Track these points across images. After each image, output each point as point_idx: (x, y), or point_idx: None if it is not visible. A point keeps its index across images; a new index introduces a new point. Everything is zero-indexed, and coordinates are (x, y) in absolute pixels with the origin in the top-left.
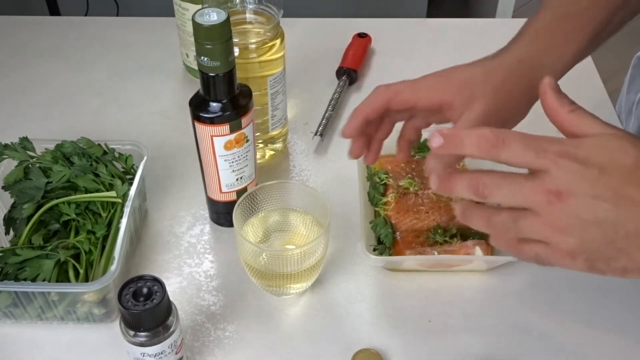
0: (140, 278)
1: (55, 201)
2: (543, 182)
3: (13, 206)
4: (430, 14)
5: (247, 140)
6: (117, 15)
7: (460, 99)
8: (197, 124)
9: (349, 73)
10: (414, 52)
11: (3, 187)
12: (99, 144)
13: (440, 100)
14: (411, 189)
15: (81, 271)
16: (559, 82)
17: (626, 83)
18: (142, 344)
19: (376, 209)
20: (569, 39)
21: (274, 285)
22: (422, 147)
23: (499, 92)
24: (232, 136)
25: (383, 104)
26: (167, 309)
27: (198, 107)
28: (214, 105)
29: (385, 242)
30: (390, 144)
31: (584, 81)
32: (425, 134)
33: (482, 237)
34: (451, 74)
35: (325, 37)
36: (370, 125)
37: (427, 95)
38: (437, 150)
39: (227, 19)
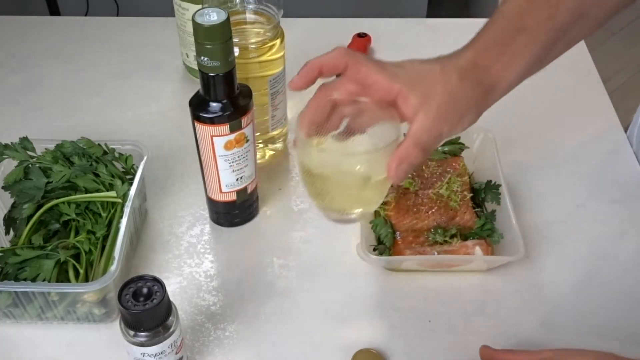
0: (140, 278)
1: (55, 201)
2: None
3: (13, 206)
4: (430, 14)
5: (247, 140)
6: (117, 15)
7: (417, 94)
8: (197, 124)
9: None
10: (414, 52)
11: (3, 187)
12: (99, 144)
13: (398, 89)
14: (411, 189)
15: (81, 271)
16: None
17: (638, 112)
18: (142, 344)
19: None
20: (520, 52)
21: (341, 203)
22: None
23: (454, 94)
24: (232, 136)
25: (342, 65)
26: (167, 309)
27: (198, 107)
28: (214, 105)
29: (385, 242)
30: None
31: (584, 81)
32: None
33: (482, 237)
34: (410, 66)
35: (325, 37)
36: (320, 115)
37: (387, 79)
38: None
39: (227, 19)
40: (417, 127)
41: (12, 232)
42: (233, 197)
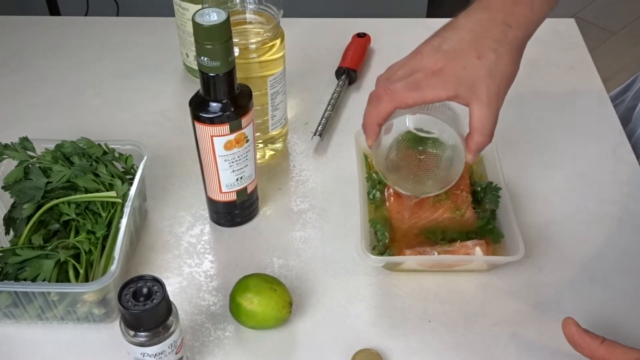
0: (140, 278)
1: (55, 201)
2: None
3: (13, 206)
4: (430, 14)
5: (247, 140)
6: (117, 15)
7: (464, 89)
8: (197, 124)
9: (349, 73)
10: None
11: (3, 187)
12: (99, 144)
13: (446, 97)
14: None
15: (81, 271)
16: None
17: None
18: (142, 344)
19: (376, 211)
20: None
21: (416, 189)
22: None
23: (496, 72)
24: (232, 136)
25: (391, 111)
26: (167, 309)
27: (198, 107)
28: (214, 105)
29: (380, 241)
30: None
31: (584, 81)
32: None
33: (482, 237)
34: (450, 69)
35: (325, 37)
36: None
37: (433, 96)
38: None
39: (227, 19)
40: (477, 119)
41: (12, 232)
42: (233, 197)
